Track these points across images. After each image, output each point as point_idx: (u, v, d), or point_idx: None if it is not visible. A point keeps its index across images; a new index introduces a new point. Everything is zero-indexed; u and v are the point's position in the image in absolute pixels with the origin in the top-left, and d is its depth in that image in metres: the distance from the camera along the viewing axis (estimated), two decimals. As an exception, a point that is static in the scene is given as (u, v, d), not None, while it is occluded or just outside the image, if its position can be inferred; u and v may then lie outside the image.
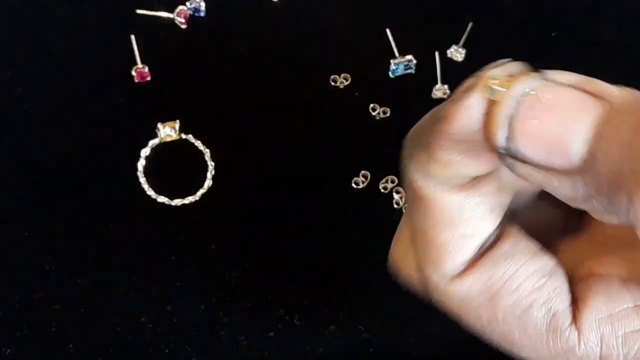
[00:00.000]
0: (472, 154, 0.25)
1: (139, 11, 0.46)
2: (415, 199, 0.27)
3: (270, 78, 0.46)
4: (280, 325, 0.43)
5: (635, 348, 0.26)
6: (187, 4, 0.46)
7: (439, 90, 0.46)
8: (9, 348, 0.42)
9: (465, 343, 0.43)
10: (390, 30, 0.47)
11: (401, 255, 0.31)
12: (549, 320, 0.26)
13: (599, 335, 0.26)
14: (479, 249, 0.27)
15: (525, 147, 0.23)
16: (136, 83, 0.45)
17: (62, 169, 0.44)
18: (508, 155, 0.24)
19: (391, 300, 0.44)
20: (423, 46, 0.47)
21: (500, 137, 0.24)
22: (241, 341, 0.43)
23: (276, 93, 0.46)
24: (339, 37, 0.47)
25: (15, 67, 0.45)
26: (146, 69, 0.45)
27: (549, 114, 0.23)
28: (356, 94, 0.46)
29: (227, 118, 0.45)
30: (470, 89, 0.25)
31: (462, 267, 0.27)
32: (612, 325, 0.26)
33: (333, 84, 0.46)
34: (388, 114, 0.46)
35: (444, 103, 0.26)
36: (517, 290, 0.27)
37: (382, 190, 0.45)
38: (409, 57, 0.46)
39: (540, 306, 0.27)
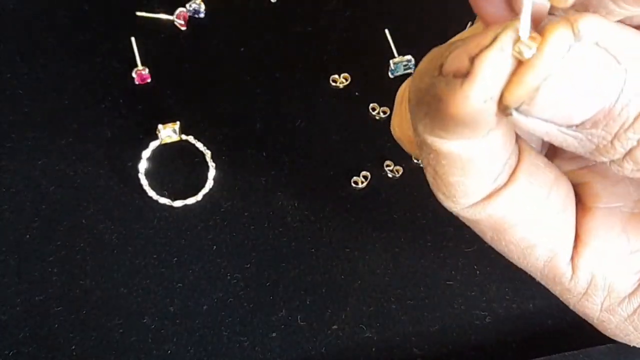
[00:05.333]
0: (478, 124, 0.24)
1: (139, 13, 0.46)
2: (424, 145, 0.26)
3: (270, 78, 0.46)
4: (282, 326, 0.43)
5: (616, 289, 0.28)
6: (187, 5, 0.46)
7: (439, 89, 0.46)
8: (11, 350, 0.42)
9: (466, 342, 0.44)
10: (390, 30, 0.47)
11: (402, 127, 0.31)
12: (550, 258, 0.28)
13: (590, 275, 0.28)
14: (493, 184, 0.27)
15: (545, 111, 0.23)
16: (136, 85, 0.45)
17: (63, 170, 0.44)
18: (517, 113, 0.23)
19: (392, 299, 0.44)
20: (422, 46, 0.47)
21: (517, 103, 0.22)
22: (243, 342, 0.43)
23: (276, 93, 0.46)
24: (339, 37, 0.47)
25: (16, 68, 0.45)
26: (146, 71, 0.45)
27: (576, 84, 0.22)
28: (356, 93, 0.46)
29: (227, 119, 0.46)
30: (461, 64, 0.23)
31: (473, 202, 0.27)
32: (603, 270, 0.28)
33: (333, 84, 0.46)
34: (388, 114, 0.46)
35: (441, 50, 0.25)
36: (526, 232, 0.28)
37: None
38: (408, 57, 0.46)
39: (544, 246, 0.28)
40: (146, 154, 0.44)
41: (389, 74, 0.46)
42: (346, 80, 0.46)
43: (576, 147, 0.24)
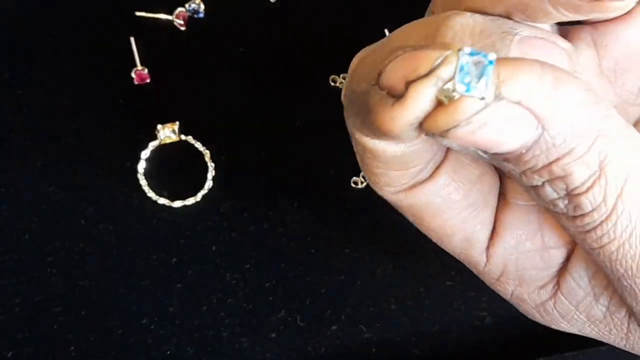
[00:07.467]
0: (402, 138, 0.26)
1: (138, 13, 0.46)
2: (352, 137, 0.28)
3: (269, 78, 0.46)
4: (282, 326, 0.43)
5: (527, 281, 0.31)
6: (186, 5, 0.46)
7: (439, 89, 0.46)
8: (10, 351, 0.42)
9: (466, 342, 0.43)
10: (390, 30, 0.47)
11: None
12: (465, 247, 0.31)
13: (502, 266, 0.31)
14: (415, 177, 0.29)
15: (459, 143, 0.24)
16: (135, 85, 0.45)
17: (62, 170, 0.44)
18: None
19: (392, 299, 0.44)
20: (422, 46, 0.47)
21: (431, 133, 0.24)
22: (243, 342, 0.43)
23: (276, 93, 0.46)
24: (339, 37, 0.47)
25: (15, 67, 0.45)
26: (145, 71, 0.45)
27: (489, 129, 0.23)
28: (356, 94, 0.46)
29: (226, 119, 0.45)
30: (397, 84, 0.24)
31: (395, 191, 0.30)
32: (515, 262, 0.30)
33: (333, 84, 0.46)
34: (388, 114, 0.46)
35: (381, 53, 0.25)
36: (443, 223, 0.30)
37: (383, 190, 0.45)
38: (409, 56, 0.46)
39: (459, 237, 0.31)
40: (145, 154, 0.44)
41: (389, 73, 0.46)
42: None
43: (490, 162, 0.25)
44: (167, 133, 0.44)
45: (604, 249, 0.25)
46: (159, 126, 0.44)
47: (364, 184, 0.45)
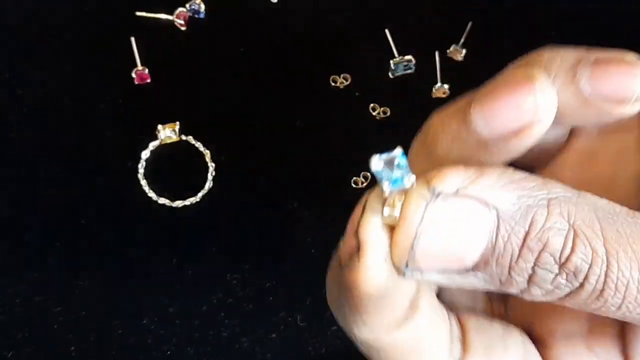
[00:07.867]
0: (391, 293, 0.25)
1: (138, 13, 0.46)
2: (362, 345, 0.27)
3: (270, 79, 0.46)
4: (282, 326, 0.43)
5: None
6: (187, 5, 0.46)
7: (439, 89, 0.46)
8: (10, 351, 0.42)
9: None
10: (391, 30, 0.47)
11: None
12: None
13: None
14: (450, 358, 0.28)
15: (426, 266, 0.23)
16: (136, 85, 0.45)
17: (63, 171, 0.44)
18: (410, 271, 0.24)
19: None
20: (423, 46, 0.47)
21: (402, 262, 0.24)
22: (243, 342, 0.43)
23: (276, 93, 0.46)
24: (339, 37, 0.47)
25: (15, 68, 0.45)
26: (146, 71, 0.45)
27: (447, 232, 0.23)
28: (356, 94, 0.46)
29: (227, 119, 0.45)
30: (351, 244, 0.24)
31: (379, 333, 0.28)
32: None
33: (333, 84, 0.46)
34: (388, 114, 0.46)
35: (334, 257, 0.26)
36: None
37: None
38: (408, 57, 0.46)
39: None
40: (146, 154, 0.44)
41: (389, 74, 0.46)
42: (346, 80, 0.46)
43: (484, 286, 0.25)
44: (168, 133, 0.44)
45: (627, 299, 0.24)
46: (160, 126, 0.44)
47: (364, 183, 0.45)
